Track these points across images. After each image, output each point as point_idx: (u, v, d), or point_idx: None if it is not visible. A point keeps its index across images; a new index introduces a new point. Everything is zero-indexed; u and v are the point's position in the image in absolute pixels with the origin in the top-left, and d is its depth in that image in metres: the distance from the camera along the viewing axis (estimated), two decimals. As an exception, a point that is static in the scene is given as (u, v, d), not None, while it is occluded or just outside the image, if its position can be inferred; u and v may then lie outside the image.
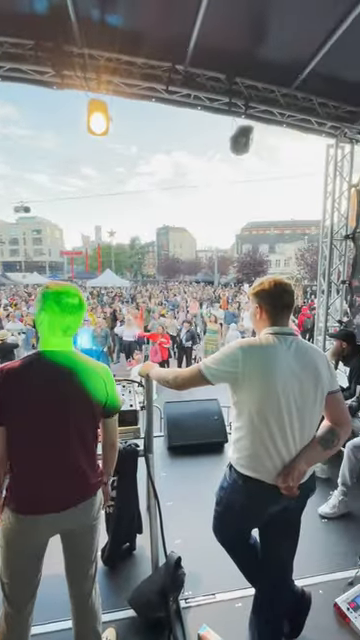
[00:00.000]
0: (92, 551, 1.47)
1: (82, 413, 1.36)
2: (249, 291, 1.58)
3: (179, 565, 2.02)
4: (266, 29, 3.14)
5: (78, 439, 1.36)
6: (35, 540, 1.34)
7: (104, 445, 1.55)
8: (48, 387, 1.31)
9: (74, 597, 1.47)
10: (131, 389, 2.31)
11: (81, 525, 1.40)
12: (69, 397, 1.33)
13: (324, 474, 3.21)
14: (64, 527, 1.38)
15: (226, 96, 3.79)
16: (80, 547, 1.44)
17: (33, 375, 1.31)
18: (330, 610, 1.95)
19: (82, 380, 1.35)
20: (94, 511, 1.42)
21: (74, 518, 1.36)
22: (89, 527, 1.42)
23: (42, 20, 2.99)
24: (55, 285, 1.38)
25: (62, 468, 1.33)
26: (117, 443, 1.59)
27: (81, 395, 1.34)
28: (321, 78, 3.68)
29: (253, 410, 1.37)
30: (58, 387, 1.32)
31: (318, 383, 1.40)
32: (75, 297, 1.38)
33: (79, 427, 1.36)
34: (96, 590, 1.51)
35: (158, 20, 3.05)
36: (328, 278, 4.96)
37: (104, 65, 3.42)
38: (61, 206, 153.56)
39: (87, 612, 1.47)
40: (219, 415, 3.95)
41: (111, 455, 1.59)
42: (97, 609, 1.50)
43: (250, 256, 36.94)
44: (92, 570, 1.48)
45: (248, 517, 1.55)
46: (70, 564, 1.45)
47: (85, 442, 1.39)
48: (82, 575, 1.46)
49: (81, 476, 1.37)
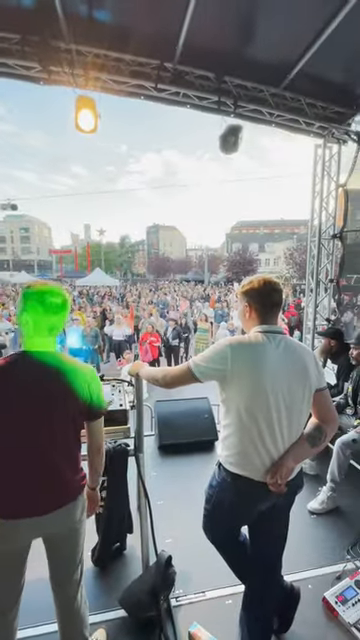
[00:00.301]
0: (76, 555, 1.44)
1: (64, 415, 1.33)
2: (238, 290, 1.58)
3: (170, 564, 2.02)
4: (255, 28, 3.15)
5: (59, 441, 1.33)
6: (16, 544, 1.31)
7: (89, 449, 1.50)
8: (30, 388, 1.28)
9: (59, 601, 1.45)
10: (121, 388, 2.30)
11: (63, 529, 1.38)
12: (52, 398, 1.30)
13: (313, 471, 3.25)
14: (46, 531, 1.35)
15: (215, 95, 3.78)
16: (63, 551, 1.42)
17: (16, 375, 1.28)
18: (319, 604, 1.98)
19: (65, 381, 1.32)
20: (77, 515, 1.39)
21: (56, 522, 1.34)
22: (72, 531, 1.40)
23: (28, 14, 2.94)
24: (38, 284, 1.36)
25: (43, 471, 1.30)
26: (103, 447, 1.55)
27: (64, 396, 1.32)
28: (309, 79, 3.71)
29: (242, 408, 1.37)
30: (41, 388, 1.29)
31: (306, 381, 1.42)
32: (59, 296, 1.35)
33: (61, 429, 1.33)
34: (82, 594, 1.49)
35: (147, 16, 3.03)
36: (316, 277, 5.01)
37: (92, 61, 3.38)
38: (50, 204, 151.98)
39: (73, 616, 1.45)
40: (209, 413, 3.97)
41: (97, 460, 1.54)
42: (83, 613, 1.48)
43: (240, 255, 37.08)
44: (77, 574, 1.45)
45: (237, 515, 1.56)
46: (54, 568, 1.42)
47: (67, 445, 1.36)
48: (66, 579, 1.43)
49: (62, 479, 1.35)
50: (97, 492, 1.60)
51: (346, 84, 3.86)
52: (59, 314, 1.35)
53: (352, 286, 5.09)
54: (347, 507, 2.82)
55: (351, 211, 4.68)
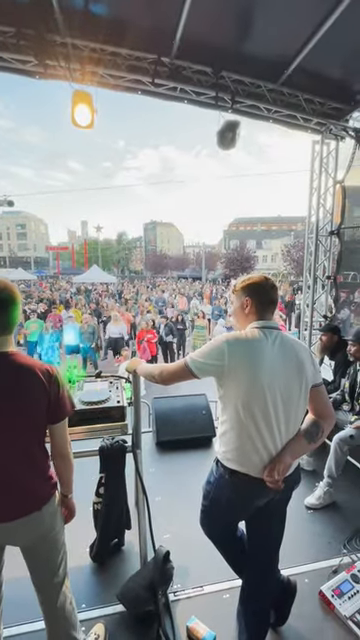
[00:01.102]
0: (54, 563, 1.39)
1: (20, 420, 1.25)
2: (236, 286, 1.59)
3: (168, 559, 2.03)
4: (252, 23, 3.12)
5: (17, 449, 1.26)
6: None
7: (53, 456, 1.40)
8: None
9: (42, 603, 1.42)
10: (118, 385, 2.30)
11: (30, 540, 1.32)
12: (7, 402, 1.22)
13: (310, 466, 3.28)
14: (9, 540, 1.31)
15: (212, 90, 3.76)
16: (37, 558, 1.37)
17: None
18: (315, 598, 2.00)
19: (17, 383, 1.24)
20: (44, 524, 1.32)
21: (18, 532, 1.29)
22: (43, 541, 1.34)
23: (23, 7, 2.89)
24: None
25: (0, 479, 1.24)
26: (69, 453, 1.43)
27: (14, 400, 1.23)
28: (307, 74, 3.69)
29: (239, 404, 1.38)
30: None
31: (302, 376, 1.42)
32: (3, 292, 1.25)
33: (15, 435, 1.25)
34: (65, 595, 1.44)
35: (143, 10, 3.00)
36: (314, 273, 5.02)
37: (88, 55, 3.34)
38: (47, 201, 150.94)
39: (57, 617, 1.43)
40: (207, 410, 3.98)
41: (62, 467, 1.42)
42: (69, 614, 1.44)
43: (237, 252, 37.03)
44: (56, 578, 1.40)
45: (235, 510, 1.56)
46: (31, 573, 1.39)
47: (26, 452, 1.29)
48: (45, 584, 1.40)
49: (22, 489, 1.27)
50: (71, 500, 1.50)
51: (344, 80, 3.84)
52: (7, 310, 1.26)
53: (349, 283, 5.11)
54: (344, 502, 2.85)
55: (348, 208, 4.69)
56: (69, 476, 1.46)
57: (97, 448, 2.12)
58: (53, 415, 1.33)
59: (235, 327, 1.62)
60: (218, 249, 54.98)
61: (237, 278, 1.65)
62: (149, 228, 72.01)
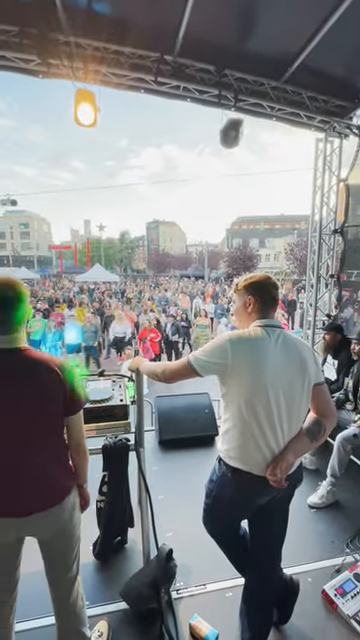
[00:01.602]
0: (69, 556, 1.41)
1: (39, 414, 1.27)
2: (239, 285, 1.58)
3: (171, 557, 2.04)
4: (255, 21, 3.11)
5: (39, 442, 1.28)
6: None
7: (69, 447, 1.43)
8: (2, 388, 1.23)
9: (54, 598, 1.44)
10: (121, 384, 2.30)
11: (50, 532, 1.34)
12: (21, 398, 1.25)
13: (313, 465, 3.27)
14: (30, 532, 1.33)
15: (216, 88, 3.75)
16: (55, 553, 1.39)
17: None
18: (318, 597, 2.00)
19: (34, 377, 1.27)
20: (64, 517, 1.34)
21: (39, 525, 1.31)
22: (61, 532, 1.36)
23: (26, 6, 2.90)
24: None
25: (20, 473, 1.26)
26: (84, 444, 1.47)
27: (34, 393, 1.26)
28: (310, 72, 3.67)
29: (242, 402, 1.38)
30: (9, 386, 1.24)
31: (305, 375, 1.42)
32: (11, 289, 1.27)
33: (37, 428, 1.28)
34: (77, 591, 1.46)
35: (146, 8, 2.99)
36: (317, 272, 5.00)
37: (91, 54, 3.34)
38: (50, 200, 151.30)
39: (68, 613, 1.44)
40: (210, 409, 3.98)
41: (79, 457, 1.46)
42: (79, 610, 1.46)
43: (240, 251, 36.95)
44: (71, 573, 1.43)
45: (237, 509, 1.57)
46: (47, 566, 1.41)
47: (48, 445, 1.31)
48: (59, 578, 1.42)
49: (45, 480, 1.30)
50: (86, 489, 1.54)
51: (348, 77, 3.82)
52: (15, 307, 1.27)
53: (352, 282, 5.08)
54: (347, 501, 2.84)
55: (352, 206, 4.66)
56: (85, 466, 1.49)
57: (100, 446, 2.12)
58: (70, 407, 1.36)
59: (237, 326, 1.62)
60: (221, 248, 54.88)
61: (239, 277, 1.64)
62: (152, 227, 71.99)
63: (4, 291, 1.26)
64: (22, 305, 1.30)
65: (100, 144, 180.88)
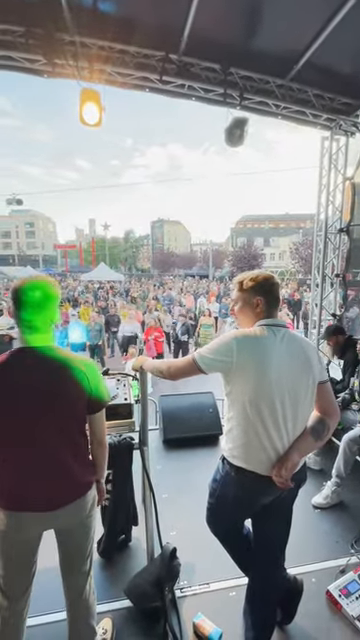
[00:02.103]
0: (85, 548, 1.45)
1: (65, 410, 1.32)
2: (244, 284, 1.56)
3: (174, 556, 2.04)
4: (261, 18, 3.09)
5: (64, 438, 1.33)
6: (21, 536, 1.32)
7: (91, 443, 1.49)
8: (31, 383, 1.28)
9: (68, 591, 1.47)
10: (126, 382, 2.31)
11: (72, 524, 1.38)
12: (53, 393, 1.30)
13: (317, 465, 3.26)
14: (53, 526, 1.37)
15: (221, 87, 3.74)
16: (73, 545, 1.43)
17: (16, 371, 1.28)
18: (322, 597, 2.00)
19: (65, 375, 1.32)
20: (85, 510, 1.39)
21: (63, 518, 1.35)
22: (82, 525, 1.41)
23: (32, 6, 2.91)
24: (21, 281, 1.34)
25: (48, 468, 1.30)
26: (105, 440, 1.53)
27: (65, 390, 1.31)
28: (316, 69, 3.65)
29: (246, 400, 1.38)
30: (41, 383, 1.29)
31: (310, 373, 1.42)
32: (42, 290, 1.33)
33: (63, 425, 1.33)
34: (90, 585, 1.51)
35: (151, 7, 2.99)
36: (322, 271, 4.97)
37: (96, 53, 3.35)
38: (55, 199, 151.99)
39: (81, 607, 1.47)
40: (214, 408, 3.98)
41: (99, 453, 1.52)
42: (91, 604, 1.50)
43: (245, 250, 36.83)
44: (86, 566, 1.47)
45: (241, 508, 1.57)
46: (64, 560, 1.45)
47: (72, 440, 1.36)
48: (75, 571, 1.45)
49: (69, 476, 1.35)
50: (103, 484, 1.60)
51: (354, 75, 3.78)
52: (48, 307, 1.34)
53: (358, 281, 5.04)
54: (351, 502, 2.82)
55: (358, 204, 4.62)
56: (105, 462, 1.55)
57: (105, 445, 2.13)
58: (93, 405, 1.41)
59: (239, 325, 1.61)
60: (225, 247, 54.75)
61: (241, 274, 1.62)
62: (156, 226, 72.00)
63: (37, 292, 1.31)
64: (53, 306, 1.37)
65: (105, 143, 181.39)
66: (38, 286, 1.33)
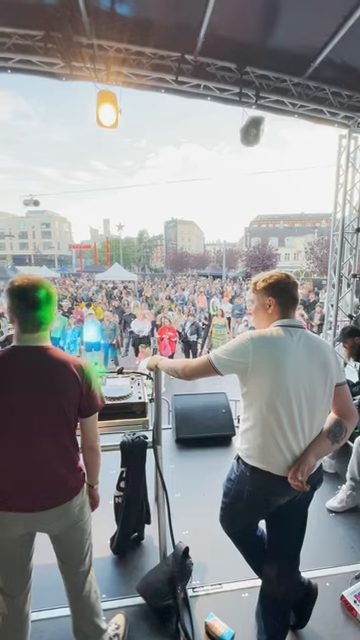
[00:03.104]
0: (80, 550, 1.43)
1: (54, 412, 1.29)
2: (257, 285, 1.56)
3: (187, 555, 2.04)
4: (278, 17, 3.06)
5: (51, 440, 1.30)
6: (6, 534, 1.31)
7: (82, 448, 1.45)
8: (18, 385, 1.26)
9: (67, 591, 1.47)
10: (140, 381, 2.33)
11: (59, 529, 1.36)
12: (39, 395, 1.27)
13: (332, 469, 3.20)
14: (39, 528, 1.36)
15: (236, 86, 3.72)
16: (65, 548, 1.41)
17: (3, 372, 1.26)
18: (337, 602, 1.96)
19: (53, 377, 1.29)
20: (73, 515, 1.37)
21: (48, 521, 1.33)
22: (71, 529, 1.38)
23: (51, 11, 2.97)
24: (20, 280, 1.31)
25: (34, 469, 1.28)
26: (97, 446, 1.48)
27: (52, 393, 1.28)
28: (334, 67, 3.59)
29: (262, 402, 1.37)
30: (28, 385, 1.26)
31: (327, 375, 1.40)
32: (41, 290, 1.30)
33: (52, 427, 1.30)
34: (91, 584, 1.49)
35: (168, 9, 3.01)
36: (339, 272, 4.89)
37: (113, 56, 3.39)
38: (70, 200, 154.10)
39: (81, 605, 1.47)
40: (227, 409, 3.96)
41: (91, 459, 1.47)
42: (92, 602, 1.49)
43: (259, 250, 36.51)
44: (83, 567, 1.45)
45: (255, 508, 1.56)
46: (59, 561, 1.44)
47: (61, 443, 1.33)
48: (71, 572, 1.44)
49: (55, 479, 1.32)
50: (96, 490, 1.55)
51: (374, 71, 3.71)
52: (43, 308, 1.31)
53: (376, 281, 4.94)
54: (367, 507, 2.77)
55: (377, 204, 4.53)
56: (96, 468, 1.51)
57: (118, 443, 2.16)
58: (85, 408, 1.38)
59: (256, 326, 1.60)
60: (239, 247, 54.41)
61: (256, 275, 1.61)
62: (170, 226, 72.16)
63: (34, 292, 1.29)
64: (49, 306, 1.34)
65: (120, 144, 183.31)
66: (41, 285, 1.32)
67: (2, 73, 3.46)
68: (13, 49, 3.29)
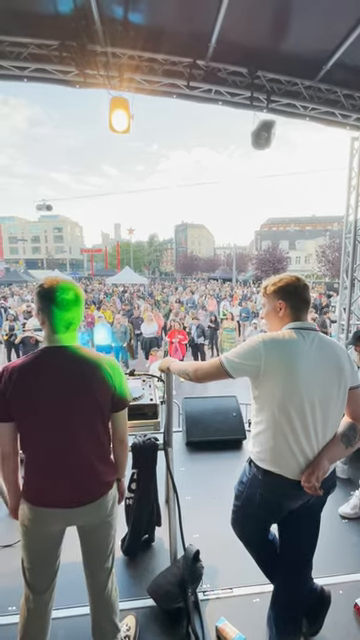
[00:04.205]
0: (107, 546, 1.46)
1: (89, 408, 1.34)
2: (268, 288, 1.56)
3: (197, 558, 2.04)
4: (289, 21, 3.08)
5: (88, 435, 1.35)
6: (44, 530, 1.35)
7: (113, 441, 1.50)
8: (54, 383, 1.30)
9: (90, 587, 1.49)
10: (151, 383, 2.34)
11: (93, 522, 1.40)
12: (75, 393, 1.32)
13: (344, 474, 3.16)
14: (75, 522, 1.39)
15: (248, 90, 3.74)
16: (94, 542, 1.45)
17: (39, 372, 1.30)
18: (350, 610, 1.93)
19: (89, 373, 1.34)
20: (107, 508, 1.41)
21: (85, 515, 1.36)
22: (102, 524, 1.42)
23: (66, 21, 3.04)
24: (49, 282, 1.35)
25: (72, 465, 1.32)
26: (126, 439, 1.55)
27: (87, 390, 1.33)
28: (347, 69, 3.58)
29: (275, 405, 1.36)
30: (64, 383, 1.31)
31: (341, 378, 1.39)
32: (70, 292, 1.35)
33: (88, 423, 1.34)
34: (113, 582, 1.52)
35: (180, 16, 3.05)
36: (351, 275, 4.84)
37: (126, 63, 3.45)
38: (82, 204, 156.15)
39: (103, 603, 1.49)
40: (237, 412, 3.95)
41: (120, 452, 1.53)
42: (113, 600, 1.52)
43: (269, 253, 36.30)
44: (108, 564, 1.48)
45: (267, 512, 1.54)
46: (86, 557, 1.47)
47: (96, 438, 1.38)
48: (97, 568, 1.47)
49: (92, 474, 1.36)
50: (124, 483, 1.61)
51: (387, 73, 3.68)
52: (72, 309, 1.36)
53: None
54: (381, 514, 2.71)
55: (390, 206, 4.47)
56: (125, 461, 1.56)
57: (130, 444, 2.17)
58: (116, 404, 1.42)
59: (268, 329, 1.60)
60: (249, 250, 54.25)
61: (267, 279, 1.62)
62: (180, 230, 72.39)
63: (63, 293, 1.33)
64: (78, 307, 1.39)
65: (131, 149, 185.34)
66: (70, 287, 1.37)
67: (19, 82, 3.56)
68: (29, 58, 3.38)
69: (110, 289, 22.84)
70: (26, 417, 1.30)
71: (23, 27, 3.15)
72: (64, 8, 2.93)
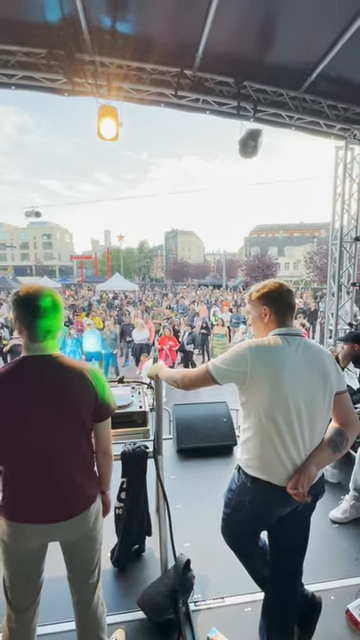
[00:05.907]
0: (91, 561, 1.42)
1: (72, 420, 1.29)
2: (252, 295, 1.57)
3: (188, 568, 2.01)
4: (275, 33, 3.16)
5: (70, 448, 1.31)
6: (25, 546, 1.30)
7: (96, 452, 1.44)
8: (32, 394, 1.25)
9: (76, 604, 1.45)
10: (140, 390, 2.32)
11: (75, 537, 1.36)
12: (56, 404, 1.27)
13: (334, 478, 3.17)
14: (57, 537, 1.35)
15: (235, 100, 3.81)
16: (78, 557, 1.40)
17: (18, 383, 1.25)
18: (342, 616, 1.92)
19: (68, 384, 1.29)
20: (90, 522, 1.36)
21: (68, 530, 1.32)
22: (86, 538, 1.38)
23: (54, 29, 3.06)
24: (25, 289, 1.30)
25: (53, 479, 1.28)
26: (110, 450, 1.49)
27: (68, 401, 1.28)
28: (330, 80, 3.68)
29: (261, 411, 1.36)
30: (44, 395, 1.26)
31: (327, 383, 1.40)
32: (47, 298, 1.29)
33: (70, 435, 1.30)
34: (99, 597, 1.47)
35: (167, 26, 3.10)
36: (338, 280, 4.92)
37: (115, 72, 3.48)
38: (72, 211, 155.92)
39: (89, 619, 1.45)
40: (228, 418, 3.94)
41: (104, 463, 1.47)
42: (99, 616, 1.47)
43: (259, 259, 36.72)
44: (93, 579, 1.43)
45: (256, 519, 1.54)
46: (70, 572, 1.42)
47: (79, 451, 1.33)
48: (82, 583, 1.42)
49: (74, 487, 1.31)
50: (108, 496, 1.54)
51: (368, 85, 3.80)
52: (50, 316, 1.30)
53: (375, 290, 4.96)
54: (371, 517, 2.72)
55: (374, 213, 4.58)
56: (109, 473, 1.51)
57: (119, 453, 2.14)
58: (100, 413, 1.37)
59: (255, 335, 1.60)
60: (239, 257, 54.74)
61: (253, 286, 1.62)
62: (170, 237, 72.72)
63: (40, 300, 1.28)
64: (56, 314, 1.33)
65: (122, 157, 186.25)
66: (47, 293, 1.31)
67: (6, 89, 3.55)
68: (17, 66, 3.38)
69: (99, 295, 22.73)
70: (5, 431, 1.23)
71: (11, 35, 3.16)
72: (52, 17, 2.95)
